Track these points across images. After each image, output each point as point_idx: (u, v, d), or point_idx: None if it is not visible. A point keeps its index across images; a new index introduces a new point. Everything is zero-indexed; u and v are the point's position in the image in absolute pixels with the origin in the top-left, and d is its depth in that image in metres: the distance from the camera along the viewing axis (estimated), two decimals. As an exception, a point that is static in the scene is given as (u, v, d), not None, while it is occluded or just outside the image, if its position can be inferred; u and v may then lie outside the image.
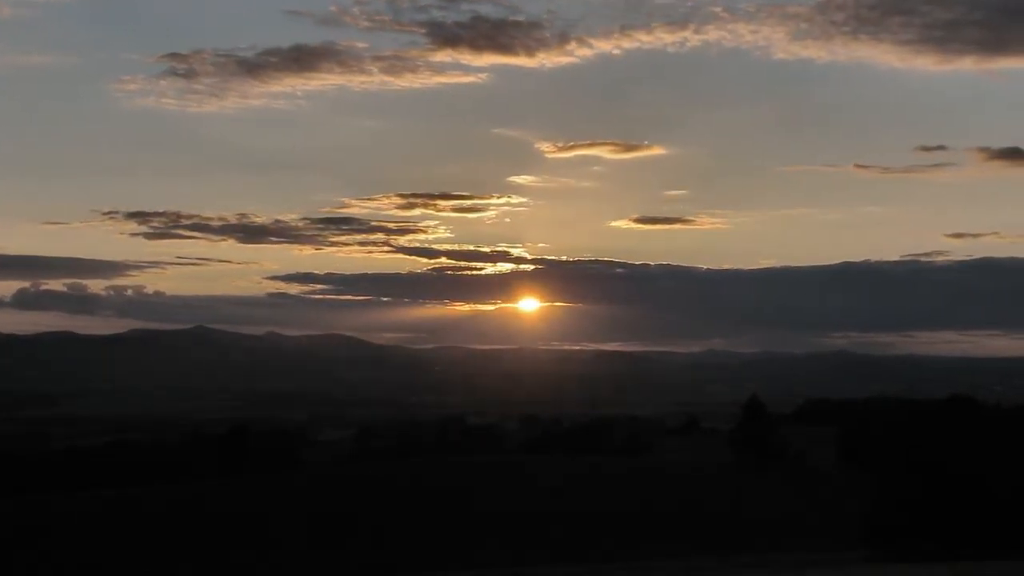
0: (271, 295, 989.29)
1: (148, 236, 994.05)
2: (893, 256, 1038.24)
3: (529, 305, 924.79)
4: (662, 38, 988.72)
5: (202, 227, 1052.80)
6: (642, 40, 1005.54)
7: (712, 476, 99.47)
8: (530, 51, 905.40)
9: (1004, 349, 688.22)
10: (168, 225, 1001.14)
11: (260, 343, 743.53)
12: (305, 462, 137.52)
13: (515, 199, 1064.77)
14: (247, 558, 66.60)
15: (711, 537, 68.40)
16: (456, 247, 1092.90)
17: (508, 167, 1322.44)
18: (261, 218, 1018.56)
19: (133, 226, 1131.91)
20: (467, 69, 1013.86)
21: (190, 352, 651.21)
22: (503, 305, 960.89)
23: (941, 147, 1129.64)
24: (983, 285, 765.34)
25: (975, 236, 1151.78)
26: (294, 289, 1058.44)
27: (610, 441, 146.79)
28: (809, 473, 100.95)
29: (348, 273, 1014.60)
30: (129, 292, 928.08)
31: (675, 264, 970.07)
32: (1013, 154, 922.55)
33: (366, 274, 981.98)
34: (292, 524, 76.38)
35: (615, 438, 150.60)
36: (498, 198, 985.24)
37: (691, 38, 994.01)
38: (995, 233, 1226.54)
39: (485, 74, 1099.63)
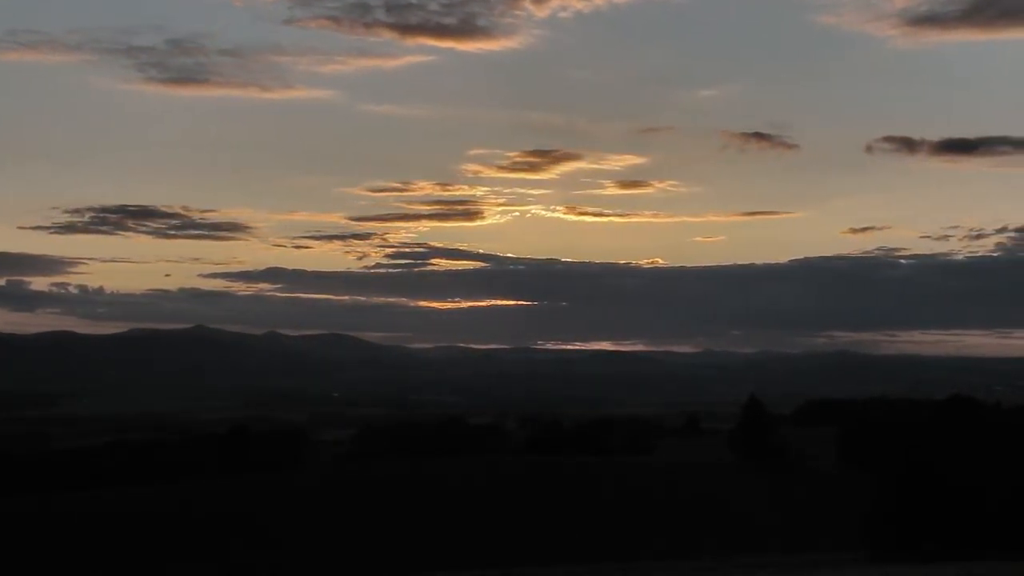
0: (220, 292, 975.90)
1: (58, 231, 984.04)
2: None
3: (506, 304, 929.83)
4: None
5: (108, 222, 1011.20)
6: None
7: (712, 476, 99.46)
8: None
9: (1000, 349, 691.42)
10: (85, 220, 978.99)
11: (260, 343, 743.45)
12: (305, 462, 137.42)
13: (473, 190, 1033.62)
14: (247, 558, 66.60)
15: (712, 537, 68.40)
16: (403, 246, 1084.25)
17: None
18: (174, 209, 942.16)
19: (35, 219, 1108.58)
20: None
21: (190, 352, 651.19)
22: (474, 304, 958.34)
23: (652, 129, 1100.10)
24: (946, 285, 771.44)
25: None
26: (240, 286, 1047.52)
27: (610, 441, 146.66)
28: (809, 473, 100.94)
29: (290, 268, 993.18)
30: (72, 289, 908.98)
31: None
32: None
33: (305, 271, 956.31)
34: (292, 524, 76.41)
35: (615, 438, 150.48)
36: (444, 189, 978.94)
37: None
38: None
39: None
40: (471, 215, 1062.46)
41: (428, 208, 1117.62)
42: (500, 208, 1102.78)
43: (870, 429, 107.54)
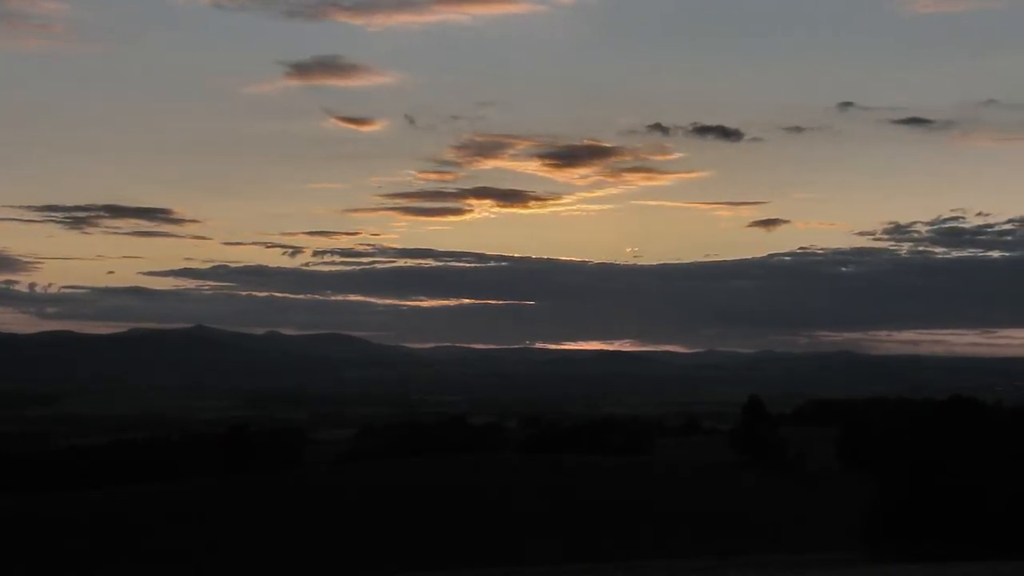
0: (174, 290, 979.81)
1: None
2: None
3: (497, 301, 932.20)
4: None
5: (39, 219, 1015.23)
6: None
7: (712, 476, 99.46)
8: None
9: (997, 349, 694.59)
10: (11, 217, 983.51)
11: (260, 343, 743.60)
12: (305, 462, 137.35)
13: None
14: (247, 557, 66.63)
15: (711, 537, 68.40)
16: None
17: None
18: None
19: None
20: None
21: (190, 352, 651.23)
22: (442, 303, 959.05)
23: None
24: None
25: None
26: (190, 283, 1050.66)
27: (610, 441, 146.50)
28: (809, 473, 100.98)
29: (235, 265, 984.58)
30: (21, 288, 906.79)
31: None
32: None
33: (249, 266, 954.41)
34: (292, 523, 76.38)
35: (615, 438, 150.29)
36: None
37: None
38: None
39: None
40: (415, 211, 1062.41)
41: (366, 203, 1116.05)
42: (442, 204, 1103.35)
43: (870, 429, 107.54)
